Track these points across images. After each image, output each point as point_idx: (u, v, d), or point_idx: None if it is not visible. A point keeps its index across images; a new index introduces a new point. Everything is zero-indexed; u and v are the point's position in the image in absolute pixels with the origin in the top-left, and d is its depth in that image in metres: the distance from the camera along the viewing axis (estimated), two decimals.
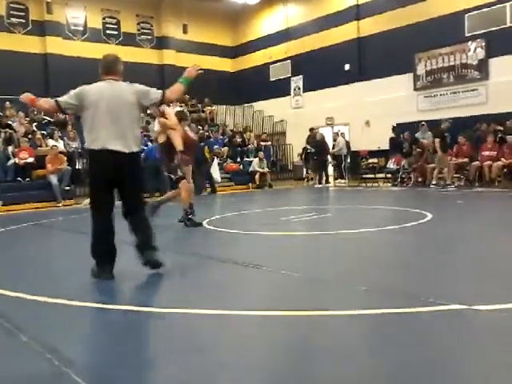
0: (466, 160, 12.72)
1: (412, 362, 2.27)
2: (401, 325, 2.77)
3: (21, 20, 17.66)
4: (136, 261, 4.84)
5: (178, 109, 9.80)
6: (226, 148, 17.65)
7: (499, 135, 12.87)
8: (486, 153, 12.39)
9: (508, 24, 14.07)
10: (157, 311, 3.18)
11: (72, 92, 4.11)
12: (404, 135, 14.42)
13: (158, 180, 13.73)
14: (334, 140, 16.69)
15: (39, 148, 13.37)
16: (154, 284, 4.00)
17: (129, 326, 2.97)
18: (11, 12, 17.44)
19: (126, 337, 2.80)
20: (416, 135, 14.02)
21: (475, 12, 14.67)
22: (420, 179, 13.61)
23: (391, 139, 15.20)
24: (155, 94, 4.33)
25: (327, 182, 16.04)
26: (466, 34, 14.88)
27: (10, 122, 14.10)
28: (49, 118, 15.46)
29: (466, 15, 14.85)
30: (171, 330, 2.92)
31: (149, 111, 17.30)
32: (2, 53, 16.61)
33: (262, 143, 18.54)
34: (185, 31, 20.28)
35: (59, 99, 4.10)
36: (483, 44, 14.51)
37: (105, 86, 4.11)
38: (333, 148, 16.41)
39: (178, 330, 2.92)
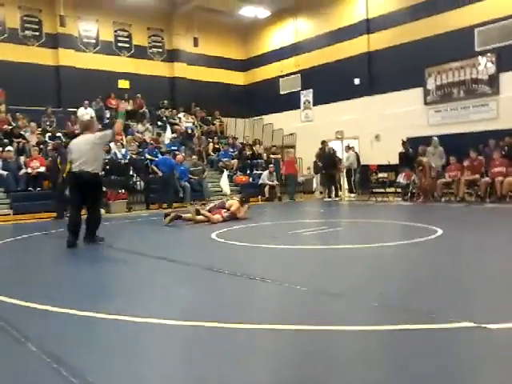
0: (477, 176, 12.62)
1: (420, 379, 2.23)
2: (411, 341, 2.73)
3: (34, 33, 17.96)
4: (148, 276, 4.86)
5: (189, 124, 11.83)
6: (236, 160, 17.70)
7: (507, 149, 12.79)
8: (496, 169, 12.27)
9: None
10: (163, 323, 3.17)
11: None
12: (418, 150, 14.30)
13: (166, 192, 13.87)
14: (347, 152, 16.65)
15: (51, 158, 13.48)
16: (161, 296, 3.99)
17: (137, 337, 2.96)
18: (25, 25, 17.76)
19: (135, 348, 2.79)
20: (428, 149, 13.92)
21: (485, 27, 14.68)
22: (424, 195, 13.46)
23: (401, 154, 15.14)
24: (110, 133, 7.09)
25: (336, 195, 16.01)
26: (476, 49, 14.88)
27: (22, 133, 14.26)
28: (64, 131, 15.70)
29: (476, 30, 14.86)
30: (178, 342, 2.91)
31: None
32: (15, 65, 16.89)
33: (272, 156, 18.57)
34: (195, 44, 20.47)
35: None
36: (493, 59, 14.50)
37: (81, 138, 6.98)
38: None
39: (186, 342, 2.90)
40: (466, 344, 2.66)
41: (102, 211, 12.45)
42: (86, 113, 17.20)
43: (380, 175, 15.58)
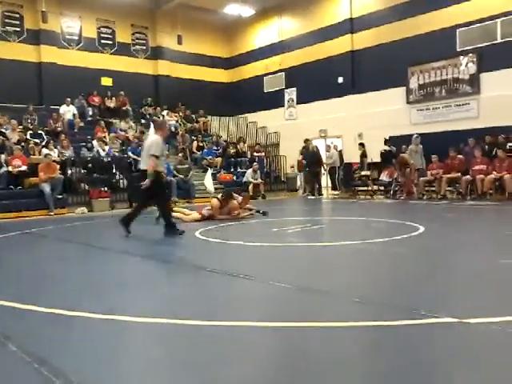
0: (458, 174, 12.81)
1: (402, 374, 2.26)
2: (392, 337, 2.77)
3: (16, 28, 17.70)
4: (131, 275, 4.83)
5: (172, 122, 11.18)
6: (220, 159, 17.68)
7: (487, 148, 13.05)
8: (477, 167, 12.50)
9: (499, 39, 14.28)
10: (147, 322, 3.16)
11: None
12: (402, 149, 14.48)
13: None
14: (327, 151, 16.76)
15: (32, 156, 13.32)
16: (145, 295, 3.97)
17: (119, 336, 2.94)
18: (6, 20, 17.49)
19: (117, 347, 2.78)
20: (410, 147, 14.08)
21: (467, 27, 14.88)
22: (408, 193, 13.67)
23: (383, 152, 15.30)
24: (154, 150, 7.07)
25: (320, 193, 16.09)
26: (458, 49, 15.09)
27: (2, 130, 14.04)
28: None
29: (458, 30, 15.07)
30: (163, 341, 2.90)
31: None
32: None
33: (256, 154, 18.58)
34: (179, 42, 20.40)
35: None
36: (475, 59, 14.70)
37: (150, 136, 7.72)
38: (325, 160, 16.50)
39: (171, 340, 2.90)
40: (447, 338, 2.70)
41: (84, 209, 12.55)
42: (67, 110, 17.04)
43: (363, 173, 15.72)
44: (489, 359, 2.43)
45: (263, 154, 19.21)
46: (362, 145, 15.93)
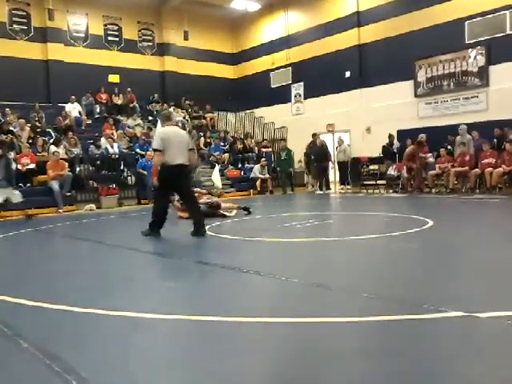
0: (466, 168, 12.73)
1: (411, 369, 2.26)
2: (402, 332, 2.76)
3: (23, 27, 17.77)
4: (140, 271, 4.85)
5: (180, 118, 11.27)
6: (227, 154, 17.68)
7: (496, 141, 12.92)
8: (486, 160, 12.41)
9: (508, 31, 14.15)
10: (159, 318, 3.17)
11: (157, 137, 6.71)
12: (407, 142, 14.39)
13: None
14: (338, 146, 16.69)
15: (39, 154, 13.39)
16: (154, 291, 3.99)
17: (131, 333, 2.96)
18: (13, 19, 17.57)
19: (128, 344, 2.79)
20: (456, 139, 13.63)
21: (475, 19, 14.75)
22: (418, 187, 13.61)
23: (384, 147, 15.28)
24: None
25: (328, 188, 16.05)
26: (467, 41, 14.97)
27: (11, 128, 14.12)
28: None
29: (467, 22, 14.93)
30: (172, 337, 2.92)
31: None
32: (3, 59, 16.72)
33: (263, 150, 18.56)
34: (186, 38, 20.40)
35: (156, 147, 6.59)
36: (483, 51, 14.58)
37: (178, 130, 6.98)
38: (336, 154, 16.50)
39: (180, 336, 2.91)
40: (456, 333, 2.69)
41: (93, 206, 12.62)
42: (73, 108, 17.11)
43: (371, 167, 15.66)
44: (498, 353, 2.42)
45: (270, 149, 19.18)
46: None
